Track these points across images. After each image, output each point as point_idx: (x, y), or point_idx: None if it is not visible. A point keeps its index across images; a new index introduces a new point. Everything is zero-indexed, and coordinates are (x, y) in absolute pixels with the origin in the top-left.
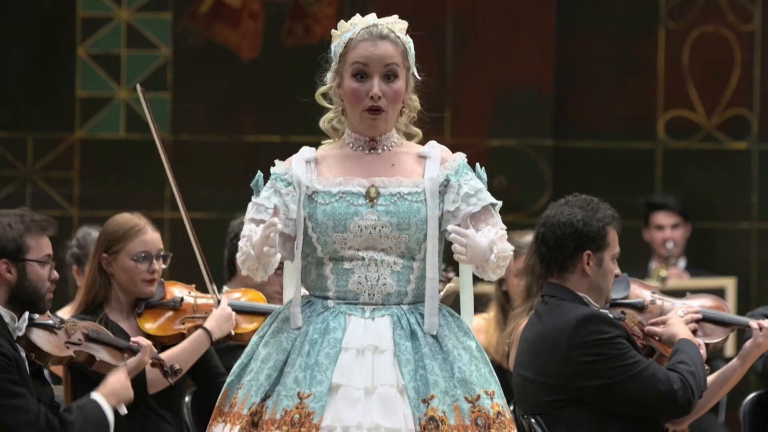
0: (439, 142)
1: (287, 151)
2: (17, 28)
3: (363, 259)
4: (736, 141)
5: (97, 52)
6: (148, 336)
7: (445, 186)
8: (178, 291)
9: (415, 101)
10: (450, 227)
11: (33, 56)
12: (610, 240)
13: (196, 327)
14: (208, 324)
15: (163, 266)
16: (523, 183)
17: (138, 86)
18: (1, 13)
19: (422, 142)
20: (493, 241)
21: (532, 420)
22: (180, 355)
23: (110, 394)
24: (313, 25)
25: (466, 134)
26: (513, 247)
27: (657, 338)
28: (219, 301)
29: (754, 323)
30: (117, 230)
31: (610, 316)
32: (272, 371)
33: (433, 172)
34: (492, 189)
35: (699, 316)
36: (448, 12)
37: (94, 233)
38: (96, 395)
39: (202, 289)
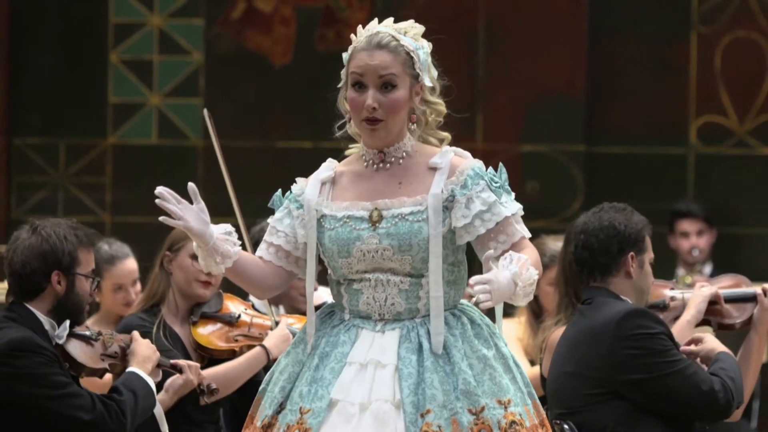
0: (470, 147)
1: (318, 157)
2: (49, 34)
3: (370, 280)
4: None
5: (129, 57)
6: (199, 345)
7: (450, 201)
8: (235, 306)
9: (438, 105)
10: (473, 279)
11: (65, 62)
12: (647, 243)
13: (248, 346)
14: (268, 342)
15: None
16: (555, 188)
17: (205, 111)
18: (34, 19)
19: (451, 146)
20: (515, 274)
21: (565, 426)
22: (236, 369)
23: (143, 362)
24: (344, 31)
25: (497, 140)
26: (538, 272)
27: (695, 356)
28: (277, 323)
29: (759, 289)
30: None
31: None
32: (287, 383)
33: (437, 187)
34: (524, 194)
35: (715, 289)
36: (479, 17)
37: (104, 248)
38: (132, 368)
39: (261, 306)
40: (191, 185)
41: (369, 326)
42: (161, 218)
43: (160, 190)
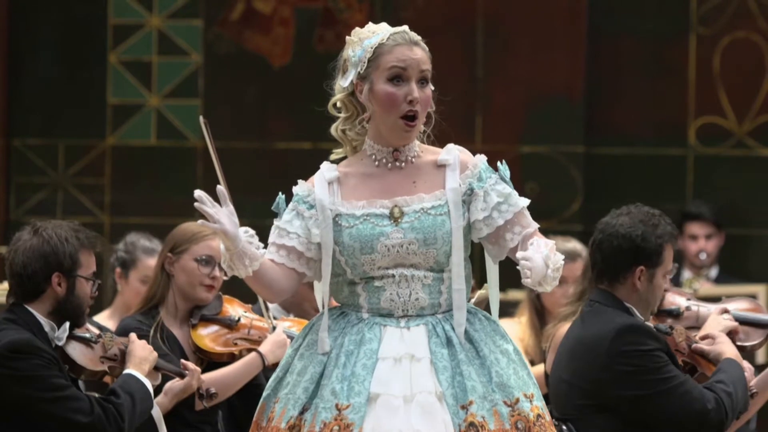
0: (469, 148)
1: (318, 158)
2: (49, 34)
3: (393, 276)
4: None
5: (128, 58)
6: (198, 348)
7: (469, 195)
8: (234, 309)
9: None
10: (519, 254)
11: (64, 63)
12: (665, 257)
13: (248, 349)
14: (263, 348)
15: (225, 278)
16: (555, 189)
17: (201, 118)
18: (33, 20)
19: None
20: (547, 256)
21: (564, 427)
22: (231, 375)
23: (140, 364)
24: (344, 32)
25: (497, 141)
26: (564, 256)
27: (704, 356)
28: (274, 327)
29: None
30: (185, 232)
31: (653, 328)
32: (309, 384)
33: (453, 182)
34: (523, 195)
35: (734, 324)
36: (478, 18)
37: (142, 241)
38: (129, 370)
39: (258, 310)
40: (220, 188)
41: (392, 323)
42: (200, 221)
43: (198, 193)
